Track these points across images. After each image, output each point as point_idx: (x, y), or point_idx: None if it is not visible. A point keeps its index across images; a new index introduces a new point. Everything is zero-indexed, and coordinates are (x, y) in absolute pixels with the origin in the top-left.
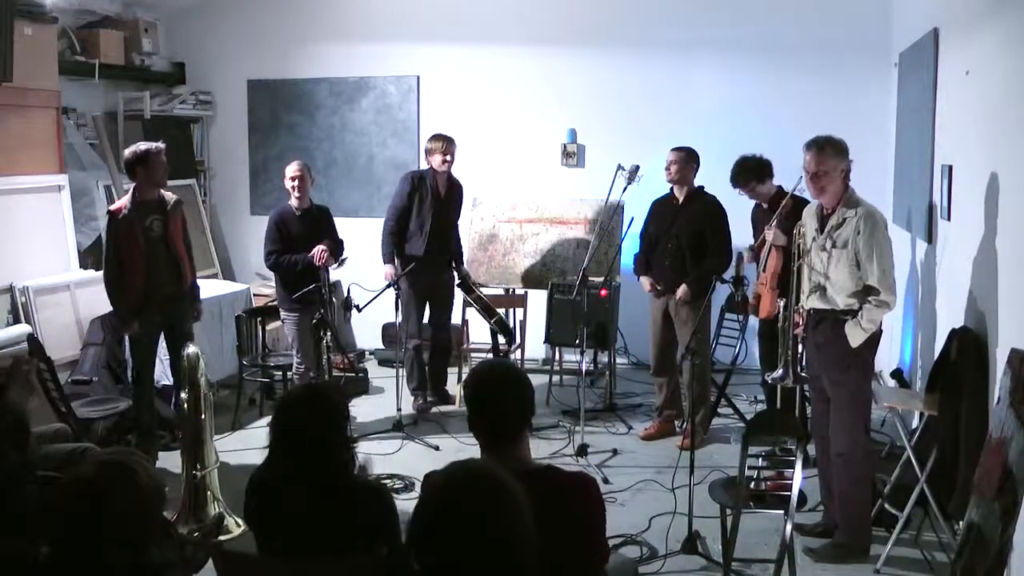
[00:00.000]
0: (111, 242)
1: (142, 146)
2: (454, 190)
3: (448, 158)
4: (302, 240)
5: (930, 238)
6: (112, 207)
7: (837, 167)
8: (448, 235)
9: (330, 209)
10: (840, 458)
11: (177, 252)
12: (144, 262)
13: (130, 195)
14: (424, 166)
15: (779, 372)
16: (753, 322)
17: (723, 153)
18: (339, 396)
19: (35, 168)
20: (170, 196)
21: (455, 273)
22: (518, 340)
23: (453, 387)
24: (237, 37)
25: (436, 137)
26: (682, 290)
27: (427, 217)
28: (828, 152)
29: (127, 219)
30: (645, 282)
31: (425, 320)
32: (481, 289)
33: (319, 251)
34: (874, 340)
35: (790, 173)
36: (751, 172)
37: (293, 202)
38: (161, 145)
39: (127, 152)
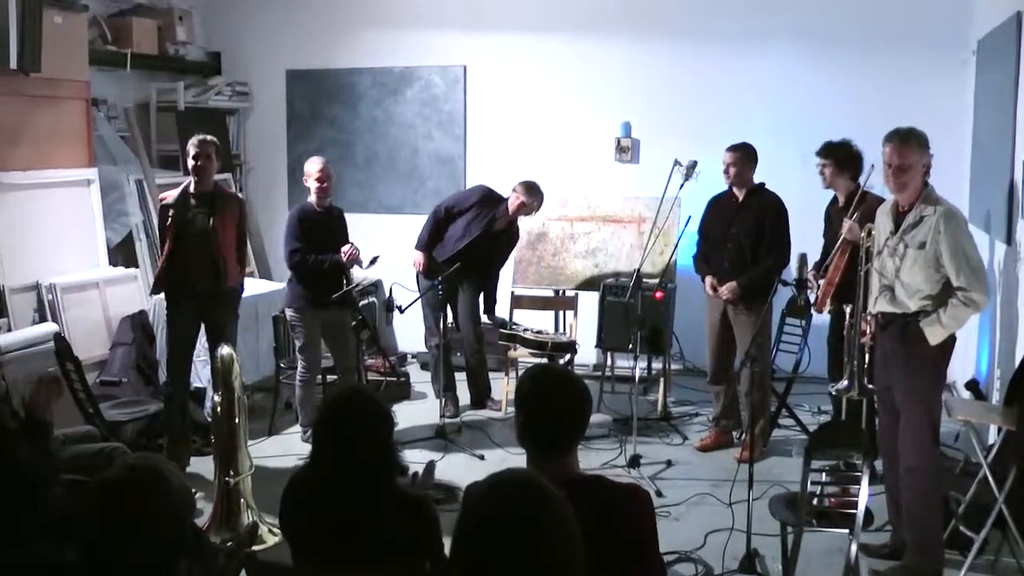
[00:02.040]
0: (160, 229)
1: (195, 136)
2: (509, 235)
3: (515, 205)
4: (325, 239)
5: (1009, 239)
6: (162, 196)
7: (919, 161)
8: (482, 266)
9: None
10: (909, 473)
11: (218, 249)
12: (178, 253)
13: (184, 187)
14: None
15: (844, 383)
16: (819, 328)
17: (785, 148)
18: (386, 400)
19: (64, 162)
20: (228, 192)
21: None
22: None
23: (499, 393)
24: (275, 25)
25: (531, 189)
26: (729, 286)
27: (470, 234)
28: (912, 144)
29: (167, 208)
30: (709, 281)
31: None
32: (522, 329)
33: (349, 249)
34: (947, 347)
35: None
36: (840, 156)
37: (314, 199)
38: (213, 139)
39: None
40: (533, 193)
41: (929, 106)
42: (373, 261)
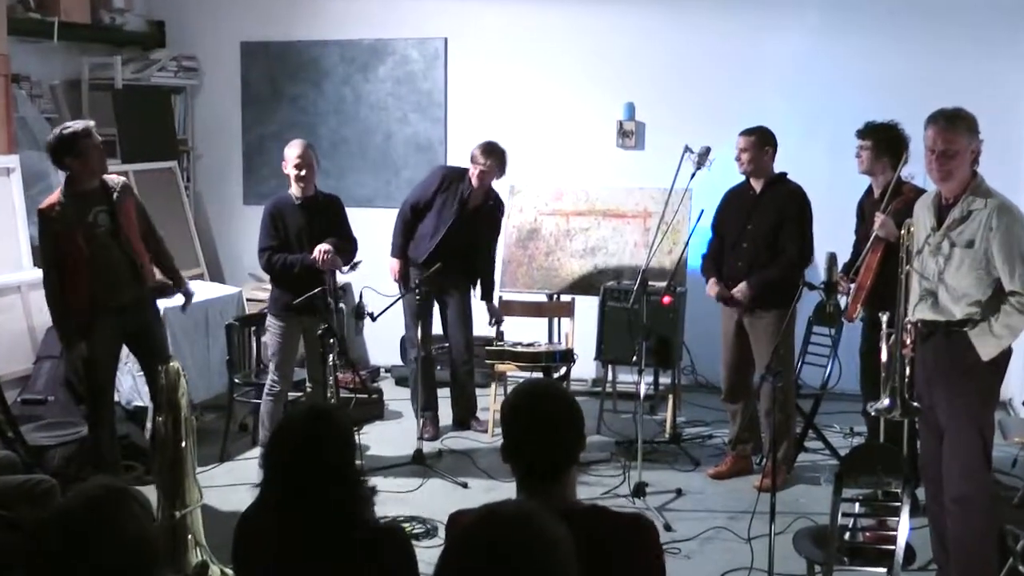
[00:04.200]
0: (48, 247)
1: (67, 129)
2: (490, 208)
3: (477, 173)
4: (303, 236)
5: None
6: (42, 204)
7: (968, 147)
8: (468, 255)
9: (340, 198)
10: (957, 504)
11: (133, 248)
12: (90, 266)
13: (62, 187)
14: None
15: (885, 402)
16: (850, 338)
17: (811, 134)
18: (348, 420)
19: None
20: (116, 180)
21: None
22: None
23: (484, 413)
24: None
25: (486, 149)
26: (741, 287)
27: (443, 224)
28: (959, 127)
29: (62, 217)
30: (712, 286)
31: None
32: (510, 344)
33: (321, 251)
34: (1000, 360)
35: None
36: (882, 137)
37: (294, 190)
38: (90, 123)
39: (50, 138)
40: (489, 153)
41: (980, 86)
42: (353, 266)
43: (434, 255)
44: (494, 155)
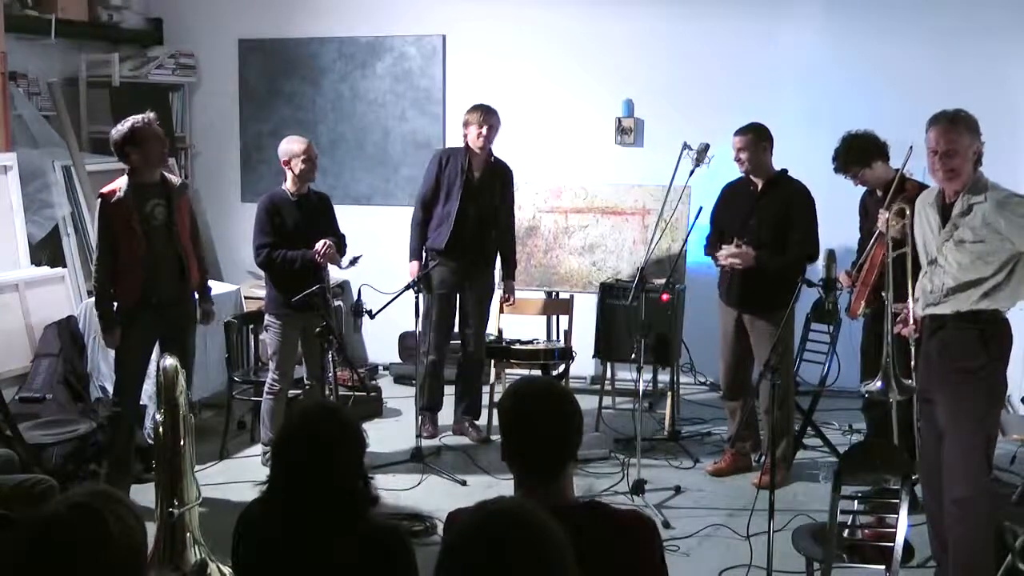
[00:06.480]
0: (105, 231)
1: (128, 122)
2: (496, 174)
3: (484, 131)
4: (299, 233)
5: None
6: (104, 189)
7: (969, 147)
8: (486, 229)
9: (338, 195)
10: (957, 505)
11: (183, 245)
12: (144, 256)
13: (126, 176)
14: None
15: (878, 383)
16: (850, 334)
17: (814, 131)
18: (357, 419)
19: None
20: (174, 178)
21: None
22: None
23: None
24: None
25: (474, 108)
26: (746, 249)
27: (454, 204)
28: (960, 127)
29: (122, 203)
30: (727, 251)
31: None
32: (508, 342)
33: (323, 245)
34: (1004, 356)
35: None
36: (853, 156)
37: (289, 186)
38: (150, 116)
39: (113, 133)
40: (473, 110)
41: (988, 86)
42: (353, 261)
43: (454, 238)
44: (477, 110)
